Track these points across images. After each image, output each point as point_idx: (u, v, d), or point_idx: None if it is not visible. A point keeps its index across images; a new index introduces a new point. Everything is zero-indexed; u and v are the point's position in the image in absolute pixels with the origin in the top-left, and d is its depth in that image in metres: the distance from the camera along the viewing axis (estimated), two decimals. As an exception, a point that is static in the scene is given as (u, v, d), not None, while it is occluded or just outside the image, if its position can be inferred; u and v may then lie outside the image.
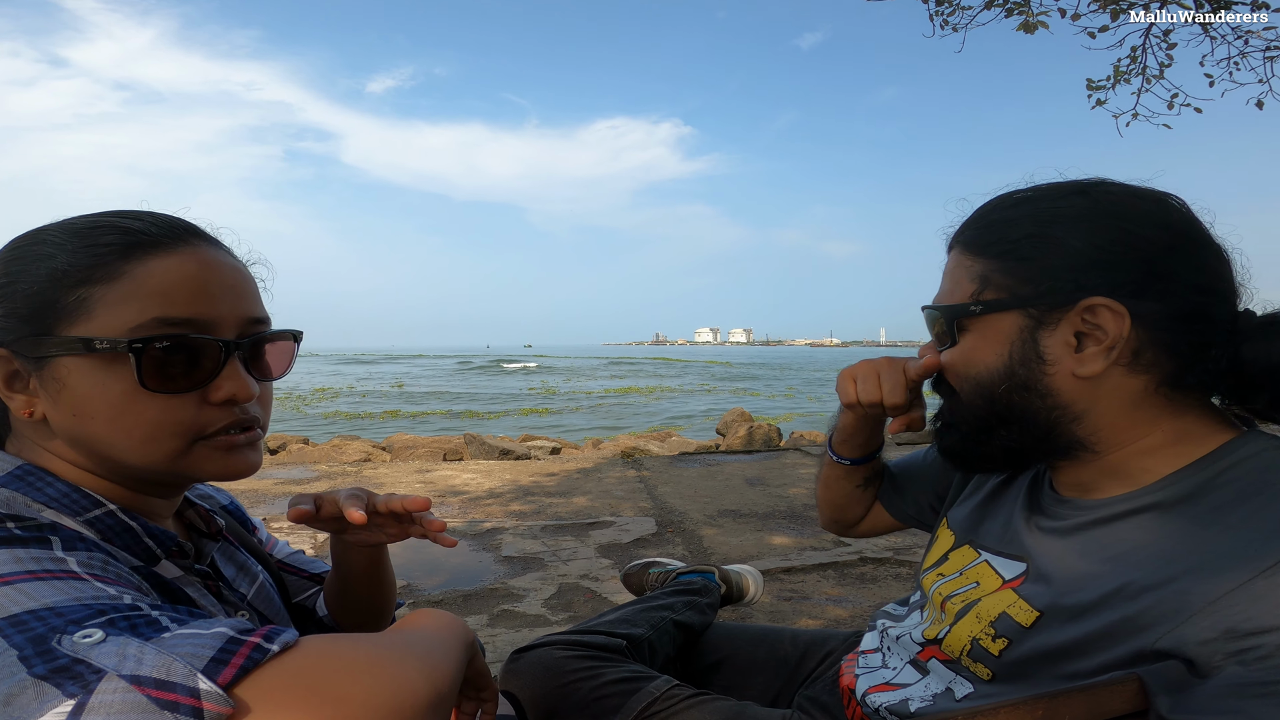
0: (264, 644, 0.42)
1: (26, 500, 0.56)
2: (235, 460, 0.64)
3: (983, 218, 0.75)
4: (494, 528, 3.78)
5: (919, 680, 0.81)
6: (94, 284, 0.58)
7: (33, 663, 0.39)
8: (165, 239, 0.61)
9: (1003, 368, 0.70)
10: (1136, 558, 0.64)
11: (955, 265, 0.76)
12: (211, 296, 0.62)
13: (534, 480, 5.14)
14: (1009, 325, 0.70)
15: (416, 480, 5.11)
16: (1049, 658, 0.66)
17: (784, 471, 5.35)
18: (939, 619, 0.81)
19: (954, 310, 0.74)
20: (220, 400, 0.61)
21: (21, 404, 0.60)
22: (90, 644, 0.40)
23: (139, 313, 0.58)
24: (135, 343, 0.57)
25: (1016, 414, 0.71)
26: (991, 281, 0.71)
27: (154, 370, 0.58)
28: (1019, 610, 0.70)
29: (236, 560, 0.80)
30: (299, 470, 5.54)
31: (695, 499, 4.44)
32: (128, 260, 0.59)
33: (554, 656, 0.92)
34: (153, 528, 0.64)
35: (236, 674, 0.39)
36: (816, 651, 1.13)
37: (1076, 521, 0.71)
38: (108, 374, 0.58)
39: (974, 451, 0.77)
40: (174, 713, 0.37)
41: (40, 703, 0.37)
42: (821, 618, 2.54)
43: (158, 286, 0.59)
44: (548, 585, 2.91)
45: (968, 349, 0.73)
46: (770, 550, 3.35)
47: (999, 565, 0.77)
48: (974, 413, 0.74)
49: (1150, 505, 0.66)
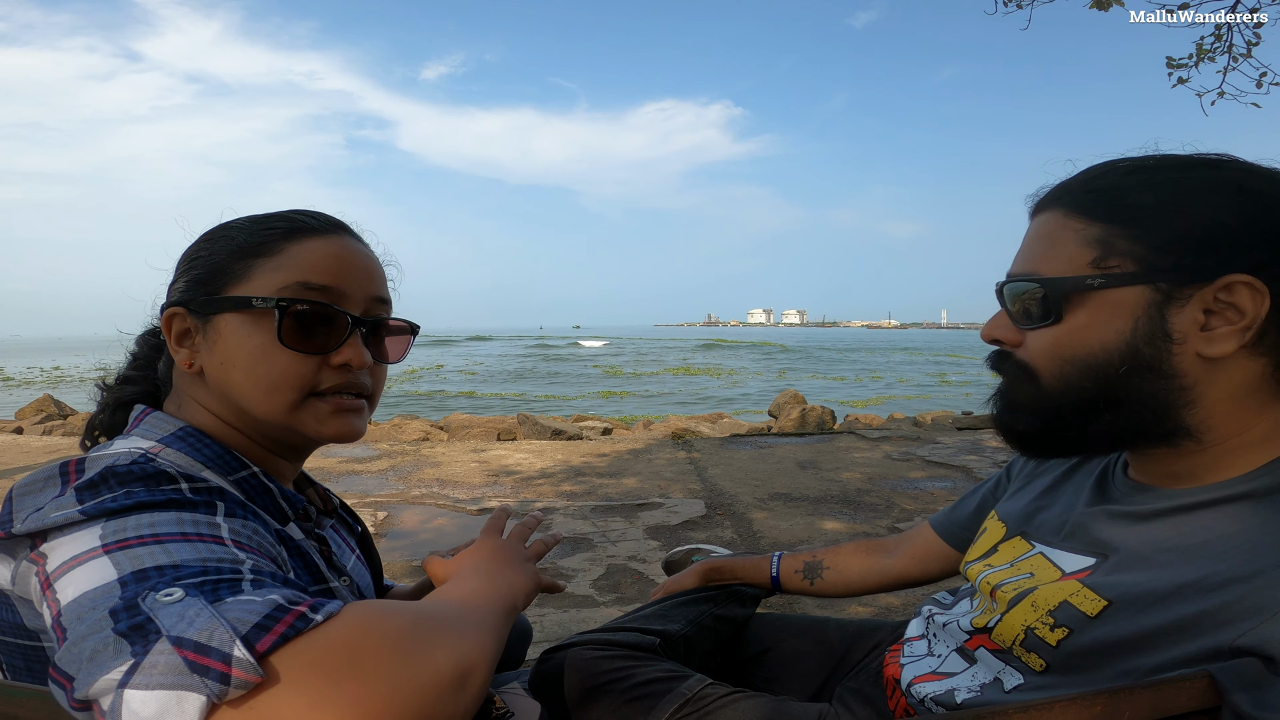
0: (309, 613, 0.43)
1: (190, 461, 0.65)
2: (342, 422, 0.73)
3: (1093, 181, 0.68)
4: (545, 508, 3.84)
5: (966, 669, 0.78)
6: (258, 256, 0.71)
7: (119, 618, 0.42)
8: (320, 228, 0.74)
9: (1124, 346, 0.63)
10: (1220, 548, 0.60)
11: (1056, 228, 0.68)
12: (346, 274, 0.73)
13: (585, 461, 5.19)
14: (1134, 299, 0.63)
15: (471, 460, 5.23)
16: (1112, 650, 0.62)
17: (837, 455, 5.25)
18: (990, 608, 0.77)
19: (1067, 283, 0.66)
20: (338, 364, 0.71)
21: (185, 356, 0.71)
22: (166, 603, 0.42)
23: (286, 278, 0.70)
24: (281, 301, 0.68)
25: (1132, 397, 0.64)
26: (1116, 249, 0.64)
27: (290, 328, 0.69)
28: (1084, 599, 0.66)
29: (338, 538, 0.86)
30: (361, 449, 5.73)
31: (745, 481, 4.40)
32: (288, 240, 0.72)
33: (584, 657, 0.91)
34: (286, 491, 0.73)
35: (276, 641, 0.41)
36: (864, 642, 1.10)
37: (1155, 508, 0.67)
38: (254, 328, 0.69)
39: (1058, 436, 0.70)
40: (204, 677, 0.38)
41: (114, 659, 0.40)
42: (873, 605, 2.48)
43: (305, 260, 0.71)
44: (596, 566, 2.93)
45: (1078, 326, 0.66)
46: (821, 535, 3.30)
47: (1056, 558, 0.73)
48: (1075, 395, 0.67)
49: (1240, 495, 0.62)
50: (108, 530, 0.50)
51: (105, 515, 0.51)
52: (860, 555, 1.20)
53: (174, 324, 0.71)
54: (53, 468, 0.58)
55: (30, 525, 0.52)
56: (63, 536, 0.51)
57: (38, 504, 0.54)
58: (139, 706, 0.38)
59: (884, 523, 3.50)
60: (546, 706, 0.90)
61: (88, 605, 0.44)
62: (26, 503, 0.55)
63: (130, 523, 0.51)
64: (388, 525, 3.57)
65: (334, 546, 0.81)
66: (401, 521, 3.64)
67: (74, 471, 0.56)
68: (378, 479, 4.61)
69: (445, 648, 0.46)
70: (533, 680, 0.93)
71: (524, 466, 5.00)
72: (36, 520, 0.52)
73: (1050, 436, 0.71)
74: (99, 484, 0.54)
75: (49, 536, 0.52)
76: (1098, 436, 0.68)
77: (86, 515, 0.51)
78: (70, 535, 0.51)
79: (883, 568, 1.16)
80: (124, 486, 0.54)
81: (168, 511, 0.53)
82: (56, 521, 0.51)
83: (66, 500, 0.53)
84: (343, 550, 0.84)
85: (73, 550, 0.49)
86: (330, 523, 0.84)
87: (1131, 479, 0.73)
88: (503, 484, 4.45)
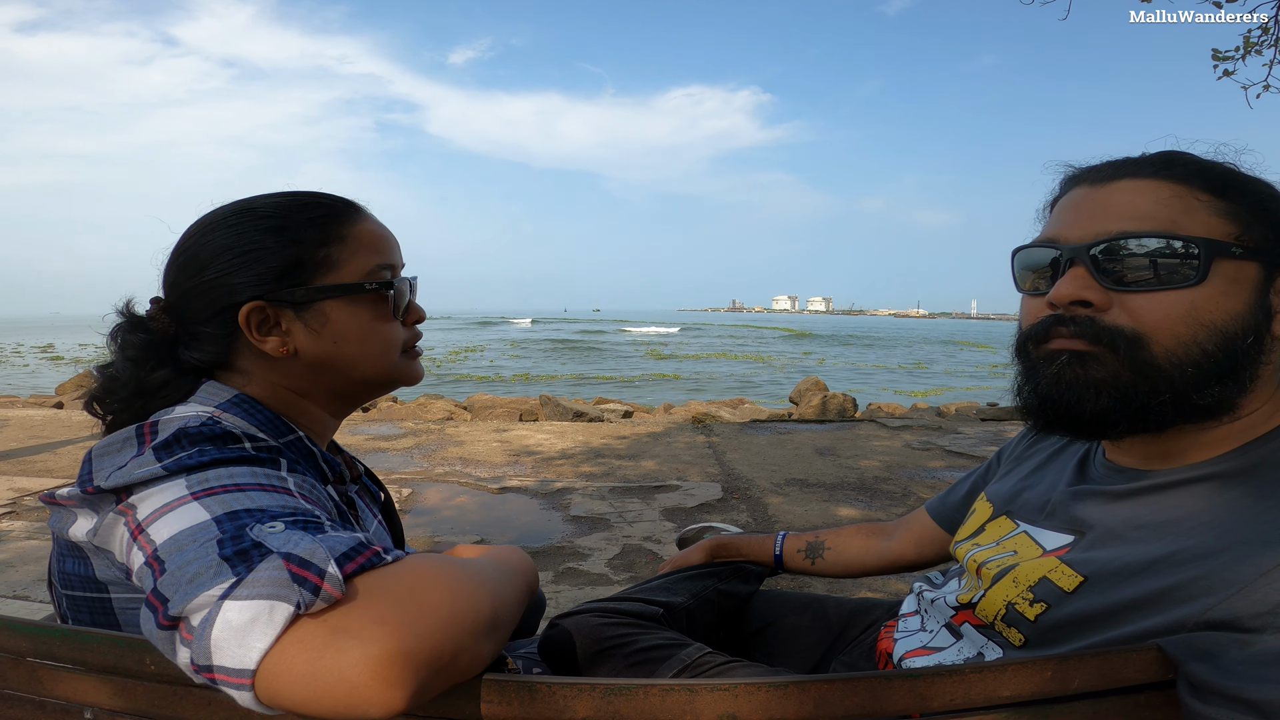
0: (382, 553, 0.51)
1: (244, 424, 0.70)
2: (418, 368, 0.88)
3: (1195, 161, 0.70)
4: (564, 488, 3.91)
5: (953, 644, 0.82)
6: (331, 244, 0.78)
7: (225, 545, 0.49)
8: (354, 209, 0.83)
9: (1250, 317, 0.65)
10: (1190, 525, 0.63)
11: (1176, 196, 0.67)
12: (393, 248, 0.84)
13: (604, 443, 5.26)
14: (1255, 275, 0.66)
15: (494, 439, 5.32)
16: (1087, 624, 0.65)
17: (856, 443, 5.25)
18: (975, 584, 0.81)
19: (1217, 246, 0.64)
20: (413, 322, 0.86)
21: (276, 344, 0.76)
22: (272, 533, 0.50)
23: (367, 260, 0.80)
24: (385, 285, 0.80)
25: (1242, 367, 0.65)
26: (1252, 227, 0.66)
27: (392, 304, 0.81)
28: (1061, 575, 0.69)
29: (363, 503, 0.94)
30: (387, 427, 5.86)
31: (763, 466, 4.44)
32: (344, 225, 0.80)
33: (590, 624, 0.96)
34: (325, 454, 0.81)
35: (356, 569, 0.48)
36: (862, 619, 1.13)
37: (1131, 487, 0.70)
38: (358, 307, 0.79)
39: (1145, 410, 0.66)
40: (301, 586, 0.45)
41: (215, 579, 0.46)
42: (883, 590, 2.52)
43: (369, 242, 0.81)
44: (612, 546, 3.00)
45: (1218, 291, 0.64)
46: (836, 521, 3.33)
47: (1039, 536, 0.77)
48: (1201, 363, 0.64)
49: (1211, 475, 0.65)
50: (192, 481, 0.56)
51: (185, 470, 0.57)
52: (860, 537, 1.24)
53: (253, 317, 0.75)
54: (129, 431, 0.63)
55: (115, 480, 0.58)
56: (148, 490, 0.57)
57: (118, 463, 0.60)
58: (233, 615, 0.44)
59: (899, 511, 3.51)
60: (553, 669, 0.95)
61: (188, 539, 0.50)
62: (106, 462, 0.60)
63: (210, 475, 0.57)
64: (411, 502, 3.67)
65: (359, 510, 0.87)
66: (425, 499, 3.74)
67: (149, 433, 0.62)
68: (403, 456, 4.73)
69: (488, 595, 0.54)
70: (541, 644, 0.99)
71: (545, 447, 5.08)
72: (122, 475, 0.58)
73: (1136, 412, 0.66)
74: (173, 443, 0.60)
75: (134, 491, 0.57)
76: (1183, 409, 0.66)
77: (168, 470, 0.57)
78: (156, 488, 0.56)
79: (881, 550, 1.20)
80: (196, 445, 0.60)
81: (241, 466, 0.59)
82: (141, 477, 0.57)
83: (146, 459, 0.59)
84: (366, 515, 0.90)
85: (162, 500, 0.55)
86: (355, 488, 0.91)
87: (1110, 461, 0.76)
88: (523, 464, 4.53)
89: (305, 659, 0.44)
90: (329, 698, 0.44)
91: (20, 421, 5.86)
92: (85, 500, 0.60)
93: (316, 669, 0.44)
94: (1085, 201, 0.71)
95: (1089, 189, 0.72)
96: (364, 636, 0.45)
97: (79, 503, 0.61)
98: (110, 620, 0.64)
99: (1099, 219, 0.68)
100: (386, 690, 0.44)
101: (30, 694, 0.58)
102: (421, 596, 0.49)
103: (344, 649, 0.44)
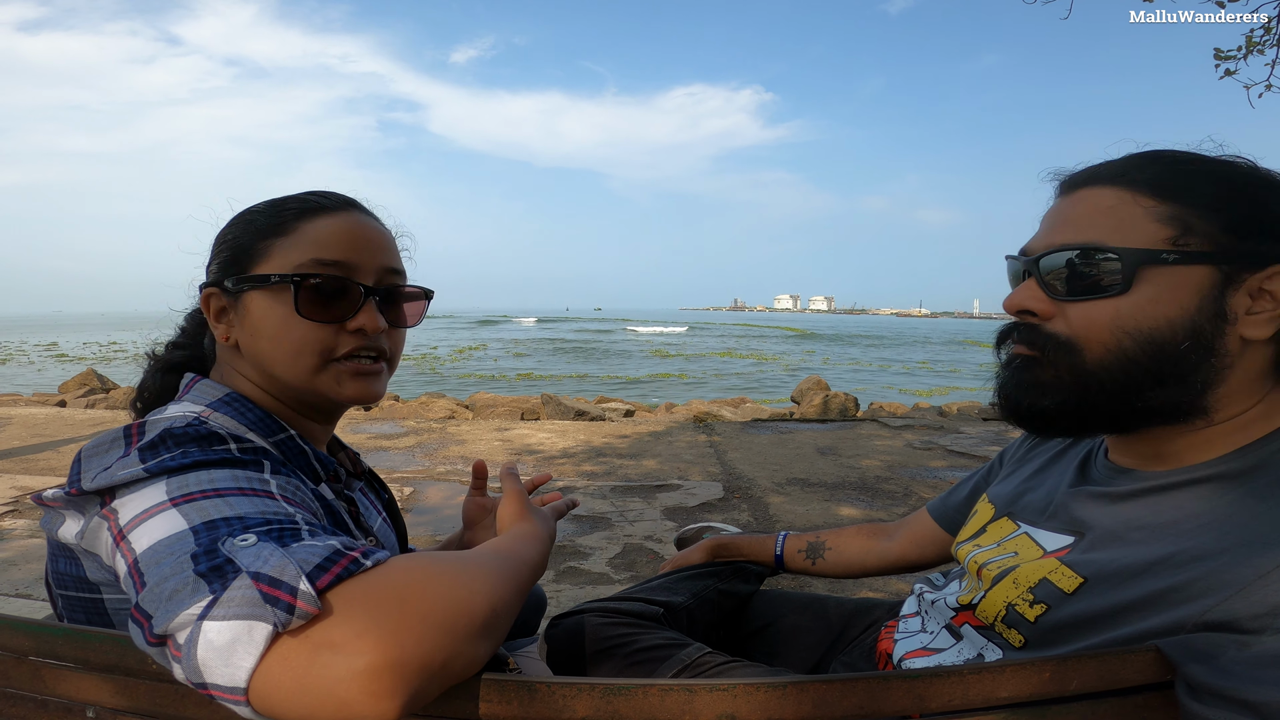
0: (361, 559, 0.49)
1: (235, 424, 0.71)
2: (360, 384, 0.79)
3: (1153, 164, 0.70)
4: (566, 487, 3.91)
5: (953, 645, 0.82)
6: (275, 236, 0.77)
7: (200, 561, 0.47)
8: (331, 206, 0.80)
9: (1188, 322, 0.65)
10: (1189, 526, 0.63)
11: (1120, 203, 0.68)
12: (357, 248, 0.78)
13: (606, 442, 5.26)
14: (1201, 278, 0.65)
15: (495, 438, 5.33)
16: (1087, 625, 0.66)
17: (858, 442, 5.25)
18: (976, 586, 0.81)
19: (1143, 255, 0.66)
20: (353, 329, 0.77)
21: (223, 331, 0.78)
22: (243, 546, 0.48)
23: (301, 255, 0.76)
24: (295, 277, 0.74)
25: (1184, 372, 0.66)
26: (1194, 228, 0.65)
27: (306, 300, 0.75)
28: (1061, 576, 0.69)
29: (366, 500, 0.92)
30: (389, 425, 5.87)
31: (764, 466, 4.44)
32: (301, 220, 0.77)
33: (590, 624, 0.95)
34: (319, 453, 0.79)
35: (332, 580, 0.46)
36: (862, 619, 1.14)
37: (1131, 489, 0.70)
38: (275, 302, 0.75)
39: (1088, 413, 0.70)
40: (274, 607, 0.44)
41: (193, 597, 0.45)
42: (884, 590, 2.52)
43: (317, 238, 0.77)
44: (613, 545, 3.00)
45: (1145, 299, 0.66)
46: (837, 521, 3.33)
47: (1040, 537, 0.77)
48: (1126, 369, 0.67)
49: (1211, 476, 0.66)
50: (171, 486, 0.55)
51: (166, 473, 0.57)
52: (861, 538, 1.24)
53: (211, 303, 0.79)
54: (118, 431, 0.63)
55: (99, 482, 0.58)
56: (130, 493, 0.56)
57: (104, 464, 0.60)
58: (214, 636, 0.43)
59: (900, 510, 3.51)
60: (554, 669, 0.95)
61: (164, 551, 0.50)
62: (94, 463, 0.60)
63: (191, 479, 0.56)
64: (413, 501, 3.68)
65: (361, 508, 0.87)
66: (427, 497, 3.75)
67: (136, 434, 0.62)
68: (404, 455, 4.74)
69: (482, 594, 0.52)
70: (540, 645, 0.99)
71: (546, 446, 5.08)
72: (105, 478, 0.58)
73: (1077, 414, 0.70)
74: (158, 444, 0.60)
75: (117, 494, 0.57)
76: (1128, 414, 0.68)
77: (150, 473, 0.57)
78: (137, 492, 0.56)
79: (881, 551, 1.20)
80: (180, 447, 0.59)
81: (223, 469, 0.58)
82: (123, 479, 0.57)
83: (131, 460, 0.58)
84: (370, 512, 0.89)
85: (141, 505, 0.55)
86: (359, 485, 0.90)
87: (1112, 462, 0.76)
88: (525, 462, 4.54)
89: (291, 676, 0.43)
90: (322, 712, 0.43)
91: (23, 420, 5.87)
92: (71, 502, 0.60)
93: (305, 685, 0.43)
94: (1051, 211, 0.75)
95: (1059, 198, 0.75)
96: (348, 650, 0.44)
97: (65, 504, 0.61)
98: (105, 621, 0.64)
99: (1055, 230, 0.72)
100: (378, 702, 0.43)
101: (32, 693, 0.58)
102: (407, 603, 0.47)
103: (329, 664, 0.43)
